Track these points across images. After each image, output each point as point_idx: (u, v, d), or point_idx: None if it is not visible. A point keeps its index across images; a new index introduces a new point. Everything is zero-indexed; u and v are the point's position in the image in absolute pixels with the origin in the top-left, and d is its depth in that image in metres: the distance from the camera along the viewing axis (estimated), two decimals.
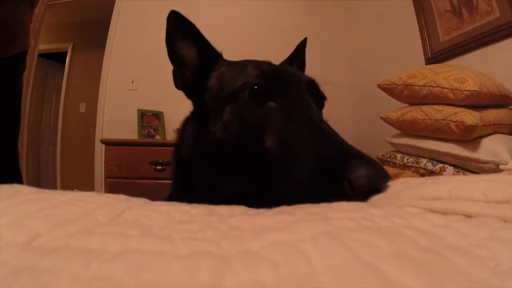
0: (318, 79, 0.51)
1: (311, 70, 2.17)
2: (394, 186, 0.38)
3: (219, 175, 0.38)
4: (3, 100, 0.98)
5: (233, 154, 0.37)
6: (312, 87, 0.40)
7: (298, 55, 0.55)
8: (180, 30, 0.45)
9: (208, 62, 0.45)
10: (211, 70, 0.44)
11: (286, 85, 0.36)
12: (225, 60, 0.47)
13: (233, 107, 0.38)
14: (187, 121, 0.47)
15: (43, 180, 3.89)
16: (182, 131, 0.47)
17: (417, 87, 1.08)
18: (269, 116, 0.35)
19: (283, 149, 0.32)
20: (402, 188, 0.35)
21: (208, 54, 0.47)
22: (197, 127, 0.43)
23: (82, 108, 3.77)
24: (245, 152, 0.35)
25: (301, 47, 0.56)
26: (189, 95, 0.46)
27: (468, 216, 0.25)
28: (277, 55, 2.20)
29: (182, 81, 0.46)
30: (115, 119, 2.03)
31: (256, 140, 0.34)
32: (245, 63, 0.42)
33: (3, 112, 0.99)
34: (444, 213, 0.26)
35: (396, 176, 0.99)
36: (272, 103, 0.36)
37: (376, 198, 0.36)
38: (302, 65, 0.57)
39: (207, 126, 0.41)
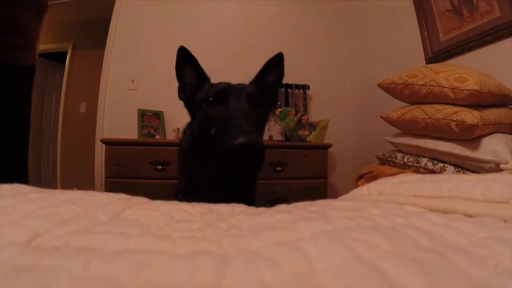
0: (316, 79, 0.51)
1: (311, 70, 2.16)
2: (390, 179, 0.38)
3: (199, 157, 0.56)
4: (15, 111, 0.98)
5: (201, 142, 0.55)
6: (251, 96, 0.55)
7: (275, 68, 0.66)
8: (185, 60, 0.62)
9: (200, 84, 0.62)
10: (200, 89, 0.61)
11: (227, 96, 0.53)
12: (209, 83, 0.63)
13: (200, 112, 0.57)
14: (187, 126, 0.66)
15: (43, 180, 3.89)
16: (184, 132, 0.67)
17: (417, 86, 1.08)
18: (215, 115, 0.53)
19: (217, 133, 0.50)
20: (399, 182, 0.35)
21: (202, 78, 0.63)
22: (190, 129, 0.63)
23: (82, 108, 3.77)
24: (205, 139, 0.53)
25: (278, 62, 0.65)
26: (186, 105, 0.65)
27: (468, 215, 0.25)
28: None
29: (184, 95, 0.64)
30: (115, 119, 2.03)
31: (208, 130, 0.51)
32: (215, 84, 0.60)
33: (15, 124, 0.98)
34: (444, 212, 0.26)
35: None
36: (218, 108, 0.54)
37: (376, 193, 0.36)
38: (280, 77, 0.67)
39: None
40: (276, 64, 0.64)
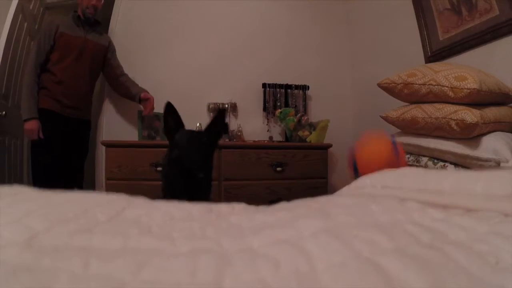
0: (316, 79, 0.50)
1: (311, 70, 2.15)
2: (393, 171, 0.38)
3: (167, 165, 0.85)
4: (88, 144, 1.88)
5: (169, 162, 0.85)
6: (194, 137, 0.83)
7: (220, 119, 0.92)
8: (170, 112, 0.86)
9: (177, 127, 0.87)
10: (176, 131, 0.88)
11: (183, 138, 0.83)
12: (181, 129, 0.87)
13: (171, 145, 0.86)
14: (167, 150, 0.90)
15: None
16: (166, 154, 0.90)
17: (417, 85, 1.08)
18: (177, 146, 0.82)
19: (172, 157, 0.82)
20: (402, 175, 0.35)
21: (179, 124, 0.87)
22: (167, 151, 0.90)
23: None
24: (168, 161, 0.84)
25: (222, 116, 0.92)
26: (167, 139, 0.89)
27: (469, 210, 0.25)
28: (277, 55, 2.17)
29: (167, 132, 0.88)
30: (116, 121, 2.02)
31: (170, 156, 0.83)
32: (180, 131, 0.86)
33: (86, 151, 1.85)
34: (445, 206, 0.25)
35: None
36: (179, 144, 0.83)
37: (380, 186, 0.36)
38: (222, 125, 0.95)
39: None
40: (221, 117, 0.93)
